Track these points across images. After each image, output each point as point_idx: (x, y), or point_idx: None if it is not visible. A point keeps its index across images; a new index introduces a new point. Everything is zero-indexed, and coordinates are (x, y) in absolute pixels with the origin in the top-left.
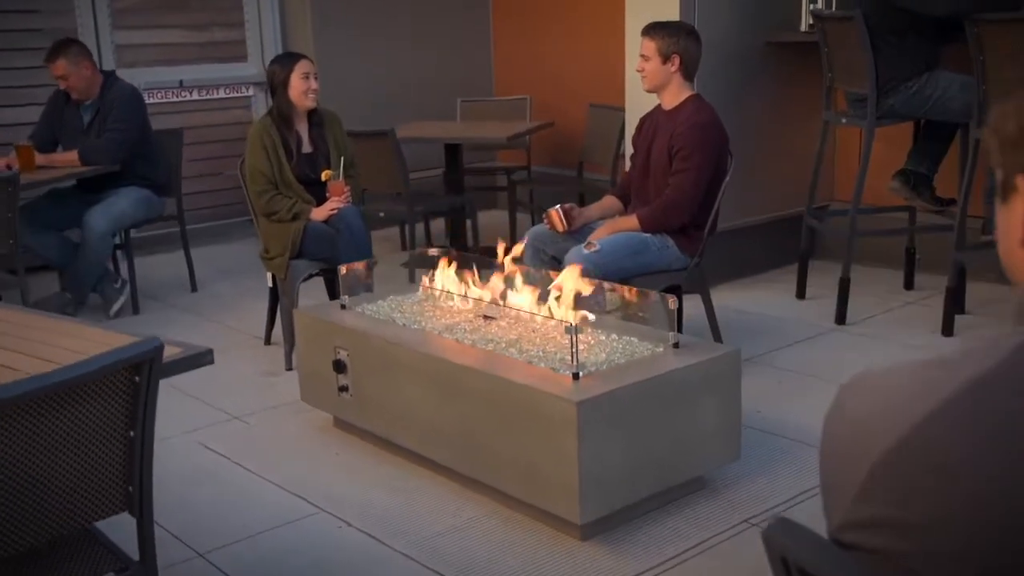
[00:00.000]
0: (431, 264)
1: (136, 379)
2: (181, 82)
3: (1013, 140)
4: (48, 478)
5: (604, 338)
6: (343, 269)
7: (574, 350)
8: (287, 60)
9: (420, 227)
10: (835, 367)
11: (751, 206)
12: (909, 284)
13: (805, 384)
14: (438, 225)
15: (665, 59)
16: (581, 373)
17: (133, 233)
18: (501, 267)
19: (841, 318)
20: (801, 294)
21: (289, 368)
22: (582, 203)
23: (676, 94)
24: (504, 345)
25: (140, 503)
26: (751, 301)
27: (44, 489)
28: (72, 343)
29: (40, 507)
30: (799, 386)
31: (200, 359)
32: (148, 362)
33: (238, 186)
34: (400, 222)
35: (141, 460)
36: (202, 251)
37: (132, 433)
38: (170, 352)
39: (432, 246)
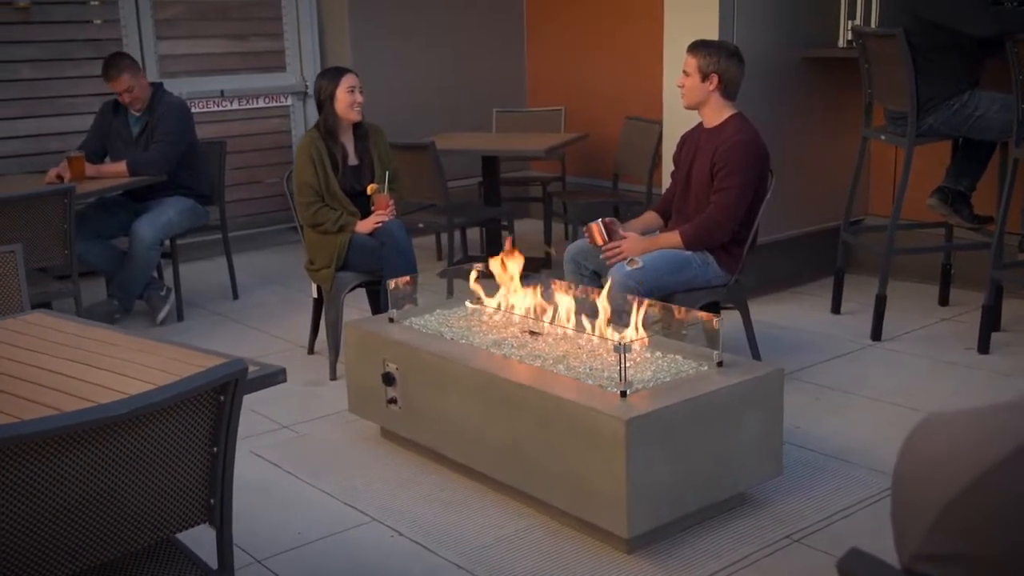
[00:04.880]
0: (468, 276)
1: (221, 398)
2: (222, 92)
3: None
4: (138, 491)
5: (649, 355)
6: (391, 284)
7: (622, 368)
8: (334, 75)
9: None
10: (873, 384)
11: (783, 220)
12: (944, 300)
13: (844, 400)
14: (473, 233)
15: (704, 77)
16: (629, 391)
17: None
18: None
19: (877, 334)
20: (836, 309)
21: (333, 378)
22: (617, 214)
23: (717, 112)
24: (552, 361)
25: (221, 514)
26: (785, 315)
27: (134, 501)
28: (149, 360)
29: (130, 518)
30: (838, 402)
31: (273, 378)
32: (233, 382)
33: (276, 195)
34: (435, 232)
35: (223, 474)
36: (239, 258)
37: (215, 449)
38: None
39: (473, 259)
